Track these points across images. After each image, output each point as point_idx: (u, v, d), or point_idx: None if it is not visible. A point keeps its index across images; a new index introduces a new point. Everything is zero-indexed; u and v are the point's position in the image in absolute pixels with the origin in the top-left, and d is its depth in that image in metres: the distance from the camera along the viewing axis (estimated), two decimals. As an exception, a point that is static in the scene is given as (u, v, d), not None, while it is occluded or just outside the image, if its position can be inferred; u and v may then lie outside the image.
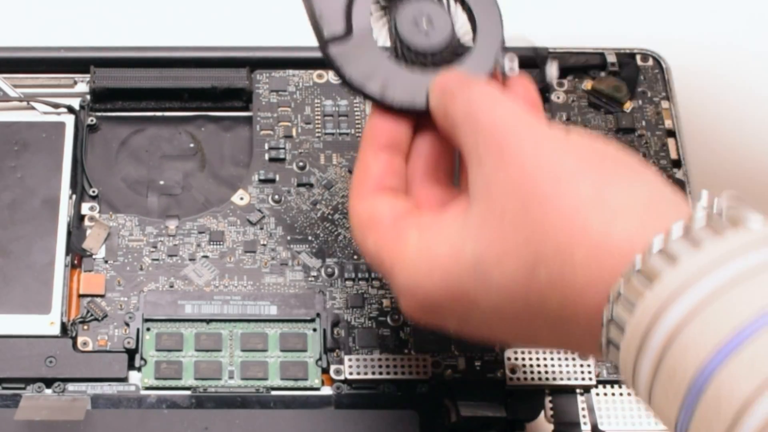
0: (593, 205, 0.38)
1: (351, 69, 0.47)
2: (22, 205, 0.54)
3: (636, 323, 0.35)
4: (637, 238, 0.36)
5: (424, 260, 0.42)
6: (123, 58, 0.58)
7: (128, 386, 0.50)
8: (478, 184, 0.41)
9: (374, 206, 0.45)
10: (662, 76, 0.60)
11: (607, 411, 0.51)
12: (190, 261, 0.54)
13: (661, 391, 0.34)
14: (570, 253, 0.37)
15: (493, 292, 0.40)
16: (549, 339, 0.41)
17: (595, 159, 0.39)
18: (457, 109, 0.44)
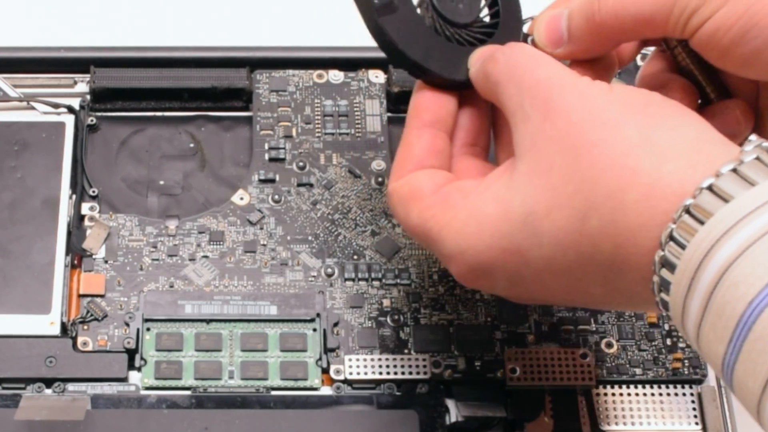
0: (642, 149, 0.38)
1: (402, 41, 0.47)
2: (22, 205, 0.54)
3: (687, 260, 0.35)
4: (688, 178, 0.36)
5: (473, 221, 0.42)
6: (123, 58, 0.58)
7: (128, 386, 0.50)
8: (524, 140, 0.41)
9: (413, 180, 0.45)
10: (662, 76, 0.60)
11: (607, 411, 0.51)
12: (190, 261, 0.54)
13: (709, 328, 0.34)
14: (621, 197, 0.37)
15: (545, 245, 0.40)
16: (601, 292, 0.41)
17: (639, 105, 0.40)
18: (499, 71, 0.44)
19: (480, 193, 0.43)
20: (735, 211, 0.34)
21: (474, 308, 0.53)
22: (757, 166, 0.35)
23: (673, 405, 0.51)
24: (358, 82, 0.59)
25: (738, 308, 0.33)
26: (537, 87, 0.42)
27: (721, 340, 0.34)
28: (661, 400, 0.51)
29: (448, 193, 0.44)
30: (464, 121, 0.47)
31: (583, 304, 0.43)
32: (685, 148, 0.37)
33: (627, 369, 0.52)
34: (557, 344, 0.52)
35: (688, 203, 0.35)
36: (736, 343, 0.33)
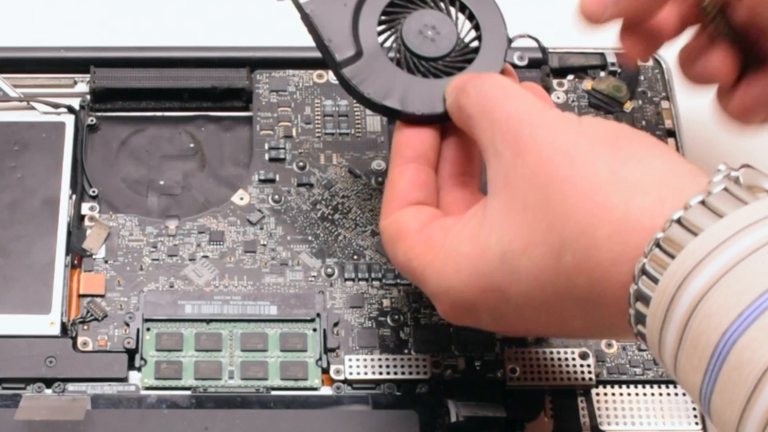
0: (611, 184, 0.38)
1: (368, 87, 0.48)
2: (22, 205, 0.54)
3: (661, 293, 0.35)
4: (657, 212, 0.37)
5: (451, 260, 0.43)
6: (123, 58, 0.58)
7: (128, 386, 0.50)
8: (497, 177, 0.42)
9: (400, 218, 0.46)
10: (662, 76, 0.60)
11: (607, 411, 0.51)
12: (190, 261, 0.54)
13: (685, 359, 0.35)
14: (592, 233, 0.38)
15: (522, 281, 0.41)
16: (581, 324, 0.41)
17: (608, 139, 0.40)
18: (471, 104, 0.44)
19: (457, 233, 0.43)
20: (705, 244, 0.34)
21: (474, 308, 0.53)
22: (725, 197, 0.35)
23: (673, 405, 0.51)
24: (358, 82, 0.59)
25: (712, 339, 0.33)
26: (507, 122, 0.42)
27: (697, 370, 0.34)
28: (661, 400, 0.51)
29: (431, 233, 0.44)
30: (449, 152, 0.48)
31: (565, 335, 0.45)
32: (653, 181, 0.38)
33: (627, 369, 0.52)
34: (557, 344, 0.52)
35: (659, 237, 0.36)
36: (712, 374, 0.34)
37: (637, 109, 0.58)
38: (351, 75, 0.48)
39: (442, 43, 0.48)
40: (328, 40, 0.48)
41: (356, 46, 0.48)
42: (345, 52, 0.48)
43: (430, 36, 0.48)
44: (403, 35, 0.48)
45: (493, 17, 0.49)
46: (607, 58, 0.60)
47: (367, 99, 0.48)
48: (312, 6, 0.49)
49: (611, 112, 0.58)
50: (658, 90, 0.59)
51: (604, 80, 0.59)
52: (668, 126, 0.58)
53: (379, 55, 0.48)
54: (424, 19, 0.49)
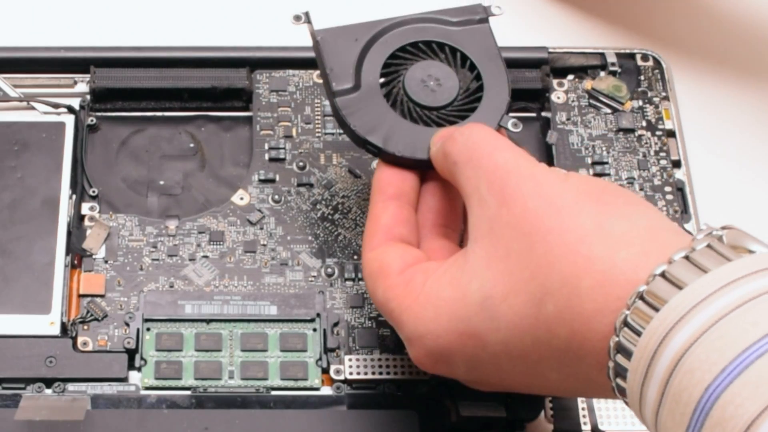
0: (596, 236, 0.39)
1: (356, 120, 0.49)
2: (22, 205, 0.54)
3: (643, 347, 0.35)
4: (642, 265, 0.37)
5: (431, 305, 0.43)
6: (123, 58, 0.58)
7: (128, 386, 0.50)
8: (481, 224, 0.42)
9: (384, 255, 0.46)
10: (662, 76, 0.60)
11: (607, 411, 0.51)
12: (190, 261, 0.54)
13: (667, 415, 0.35)
14: (575, 283, 0.38)
15: (501, 329, 0.41)
16: (558, 377, 0.41)
17: (594, 193, 0.41)
18: (457, 151, 0.45)
19: (438, 278, 0.43)
20: (688, 298, 0.34)
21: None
22: (708, 254, 0.36)
23: (673, 405, 0.51)
24: (358, 82, 0.59)
25: (695, 394, 0.33)
26: (494, 172, 0.42)
27: (680, 426, 0.34)
28: (661, 400, 0.51)
29: (413, 276, 0.44)
30: (433, 201, 0.48)
31: (540, 389, 0.44)
32: (638, 235, 0.38)
33: (627, 369, 0.52)
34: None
35: (642, 290, 0.36)
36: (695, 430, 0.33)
37: (637, 109, 0.58)
38: (342, 105, 0.49)
39: (442, 95, 0.49)
40: (330, 69, 0.49)
41: (355, 80, 0.49)
42: (343, 83, 0.49)
43: (431, 86, 0.49)
44: (405, 79, 0.49)
45: (499, 82, 0.50)
46: (607, 58, 0.60)
47: (352, 131, 0.48)
48: (324, 35, 0.50)
49: (611, 112, 0.58)
50: (658, 90, 0.59)
51: (604, 80, 0.59)
52: (668, 126, 0.58)
53: (376, 93, 0.49)
54: (430, 70, 0.50)
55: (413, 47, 0.50)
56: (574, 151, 0.57)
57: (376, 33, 0.50)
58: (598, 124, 0.58)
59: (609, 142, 0.58)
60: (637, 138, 0.58)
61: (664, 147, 0.57)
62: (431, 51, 0.50)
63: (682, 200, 0.56)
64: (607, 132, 0.58)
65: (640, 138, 0.58)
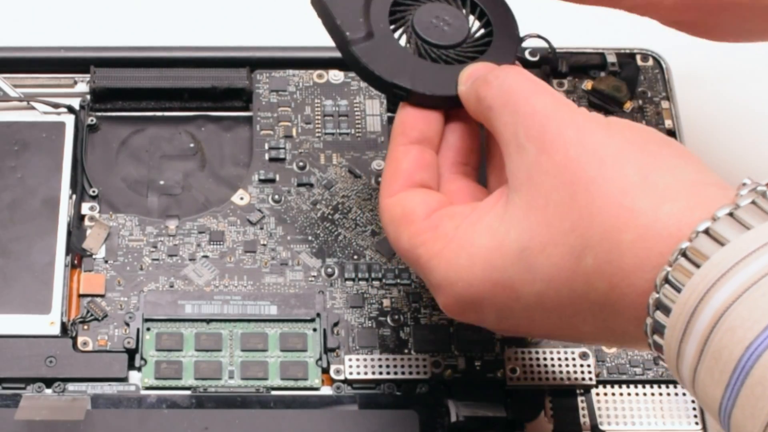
0: (640, 188, 0.38)
1: (378, 66, 0.47)
2: (22, 205, 0.54)
3: (683, 303, 0.35)
4: (685, 221, 0.36)
5: (465, 252, 0.42)
6: (123, 58, 0.58)
7: (128, 386, 0.50)
8: (519, 172, 0.41)
9: (406, 200, 0.44)
10: (662, 76, 0.60)
11: (607, 411, 0.51)
12: (190, 261, 0.54)
13: (706, 373, 0.34)
14: (617, 237, 0.37)
15: (537, 281, 0.40)
16: (592, 330, 0.40)
17: (638, 142, 0.40)
18: (493, 95, 0.43)
19: (472, 224, 0.42)
20: (731, 255, 0.34)
21: (474, 308, 0.53)
22: (753, 210, 0.35)
23: (673, 405, 0.51)
24: (358, 82, 0.59)
25: (735, 353, 0.33)
26: (533, 117, 0.41)
27: (718, 384, 0.34)
28: (661, 400, 0.51)
29: (440, 220, 0.43)
30: (453, 139, 0.47)
31: (571, 339, 0.43)
32: (683, 189, 0.37)
33: (627, 369, 0.52)
34: (557, 344, 0.52)
35: (684, 246, 0.35)
36: (734, 388, 0.33)
37: (637, 109, 0.58)
38: (361, 53, 0.48)
39: (453, 33, 0.48)
40: (340, 21, 0.48)
41: (367, 28, 0.48)
42: (356, 32, 0.48)
43: (441, 26, 0.48)
44: (415, 23, 0.48)
45: (505, 17, 0.49)
46: (607, 58, 0.60)
47: (378, 77, 0.47)
48: None
49: (611, 112, 0.58)
50: (658, 90, 0.59)
51: (604, 80, 0.59)
52: (668, 126, 0.58)
53: (390, 38, 0.48)
54: (436, 11, 0.49)
55: None
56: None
57: None
58: (598, 124, 0.58)
59: (609, 142, 0.57)
60: (637, 138, 0.58)
61: (664, 147, 0.57)
62: None
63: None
64: (607, 132, 0.58)
65: (640, 138, 0.58)
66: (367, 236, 0.55)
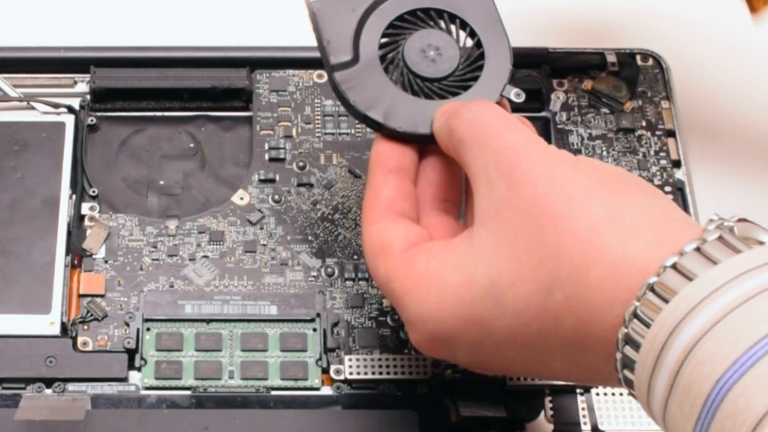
0: (607, 225, 0.38)
1: (355, 95, 0.47)
2: (22, 205, 0.54)
3: (652, 339, 0.35)
4: (653, 256, 0.36)
5: (434, 289, 0.42)
6: (123, 58, 0.58)
7: (128, 386, 0.50)
8: (488, 206, 0.41)
9: (387, 231, 0.45)
10: (662, 76, 0.60)
11: (607, 411, 0.51)
12: (190, 261, 0.54)
13: (676, 407, 0.34)
14: (585, 273, 0.38)
15: (507, 316, 0.40)
16: (563, 366, 0.41)
17: (606, 181, 0.40)
18: (464, 129, 0.44)
19: (442, 261, 0.42)
20: (699, 290, 0.34)
21: (474, 308, 0.53)
22: (720, 245, 0.35)
23: (673, 405, 0.51)
24: (358, 82, 0.59)
25: (705, 387, 0.33)
26: (503, 153, 0.41)
27: (689, 419, 0.34)
28: (661, 400, 0.51)
29: (416, 256, 0.43)
30: (434, 175, 0.47)
31: (543, 376, 0.44)
32: (649, 226, 0.38)
33: (627, 369, 0.52)
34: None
35: (652, 281, 0.36)
36: (704, 422, 0.33)
37: (637, 109, 0.58)
38: (341, 80, 0.48)
39: (443, 65, 0.48)
40: (327, 42, 0.48)
41: (354, 52, 0.48)
42: (341, 56, 0.48)
43: (431, 56, 0.48)
44: (405, 50, 0.48)
45: (501, 49, 0.49)
46: (607, 58, 0.60)
47: (352, 106, 0.47)
48: (319, 5, 0.48)
49: (611, 112, 0.58)
50: (658, 90, 0.59)
51: (604, 80, 0.59)
52: (668, 126, 0.58)
53: (375, 66, 0.48)
54: (430, 39, 0.48)
55: (412, 15, 0.49)
56: (575, 151, 0.57)
57: (373, 1, 0.49)
58: (598, 124, 0.58)
59: (609, 142, 0.58)
60: (637, 138, 0.58)
61: (664, 147, 0.57)
62: (430, 18, 0.49)
63: (682, 200, 0.56)
64: (607, 132, 0.58)
65: (639, 138, 0.58)
66: (367, 236, 0.55)
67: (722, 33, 0.65)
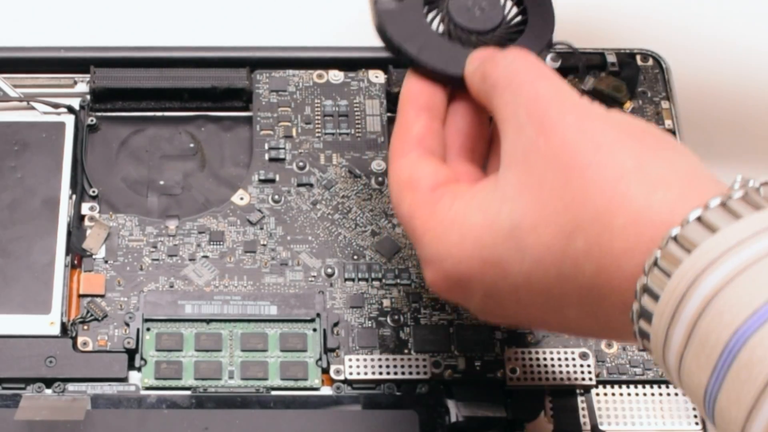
0: (634, 175, 0.38)
1: (393, 28, 0.48)
2: (22, 205, 0.54)
3: (671, 290, 0.35)
4: (678, 208, 0.36)
5: (456, 228, 0.42)
6: (123, 58, 0.58)
7: (128, 386, 0.50)
8: (515, 151, 0.41)
9: (415, 166, 0.45)
10: (662, 76, 0.60)
11: (607, 411, 0.51)
12: (190, 261, 0.54)
13: (692, 358, 0.34)
14: (608, 220, 0.38)
15: (526, 260, 0.40)
16: (577, 316, 0.40)
17: (636, 133, 0.40)
18: (498, 75, 0.44)
19: (466, 202, 0.43)
20: (721, 243, 0.34)
21: (474, 308, 0.53)
22: (744, 202, 0.35)
23: (673, 405, 0.51)
24: (358, 82, 0.59)
25: (723, 337, 0.33)
26: (535, 100, 0.42)
27: (704, 369, 0.34)
28: (661, 400, 0.51)
29: (441, 196, 0.43)
30: (463, 124, 0.47)
31: (556, 327, 0.43)
32: (676, 179, 0.38)
33: (627, 369, 0.52)
34: (557, 344, 0.52)
35: (675, 233, 0.36)
36: (720, 372, 0.33)
37: (637, 109, 0.58)
38: (382, 11, 0.48)
39: (485, 21, 0.48)
40: None
41: None
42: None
43: (475, 11, 0.48)
44: (450, 2, 0.48)
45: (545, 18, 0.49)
46: (607, 58, 0.60)
47: (388, 37, 0.47)
48: None
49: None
50: (658, 90, 0.59)
51: (604, 80, 0.59)
52: (668, 126, 0.58)
53: (418, 8, 0.48)
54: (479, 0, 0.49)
55: None
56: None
57: None
58: (598, 124, 0.58)
59: (609, 142, 0.57)
60: (637, 138, 0.58)
61: (664, 147, 0.57)
62: None
63: (682, 200, 0.56)
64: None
65: (640, 138, 0.58)
66: (367, 236, 0.55)
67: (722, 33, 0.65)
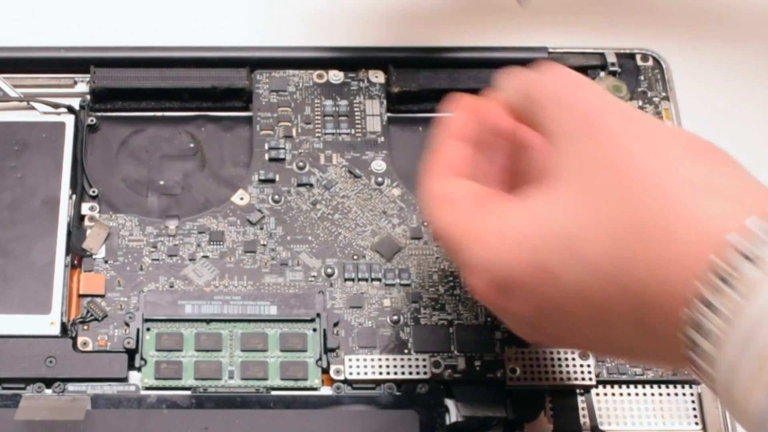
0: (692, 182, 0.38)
1: None
2: (22, 205, 0.54)
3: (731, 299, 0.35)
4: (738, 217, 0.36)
5: (507, 233, 0.41)
6: (123, 58, 0.58)
7: (128, 386, 0.50)
8: (567, 161, 0.41)
9: (451, 185, 0.44)
10: (662, 76, 0.60)
11: (607, 411, 0.51)
12: (190, 261, 0.54)
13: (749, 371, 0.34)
14: (666, 227, 0.37)
15: (578, 266, 0.39)
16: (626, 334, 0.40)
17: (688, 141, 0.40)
18: (542, 91, 0.44)
19: (517, 208, 0.42)
20: None
21: (474, 308, 0.53)
22: None
23: (672, 405, 0.51)
24: (358, 82, 0.59)
25: None
26: (585, 111, 0.42)
27: None
28: (661, 400, 0.51)
29: (485, 205, 0.43)
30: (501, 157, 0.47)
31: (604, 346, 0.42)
32: (736, 189, 0.38)
33: (627, 369, 0.52)
34: (557, 344, 0.52)
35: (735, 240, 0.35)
36: None
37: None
38: None
39: None
40: None
41: None
42: None
43: None
44: None
45: None
46: (607, 58, 0.60)
47: None
48: None
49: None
50: (658, 90, 0.59)
51: (604, 80, 0.59)
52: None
53: None
54: None
55: None
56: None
57: None
58: (598, 124, 0.58)
59: (609, 142, 0.57)
60: (637, 138, 0.58)
61: (664, 147, 0.57)
62: None
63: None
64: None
65: (640, 138, 0.58)
66: (367, 236, 0.55)
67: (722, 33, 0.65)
